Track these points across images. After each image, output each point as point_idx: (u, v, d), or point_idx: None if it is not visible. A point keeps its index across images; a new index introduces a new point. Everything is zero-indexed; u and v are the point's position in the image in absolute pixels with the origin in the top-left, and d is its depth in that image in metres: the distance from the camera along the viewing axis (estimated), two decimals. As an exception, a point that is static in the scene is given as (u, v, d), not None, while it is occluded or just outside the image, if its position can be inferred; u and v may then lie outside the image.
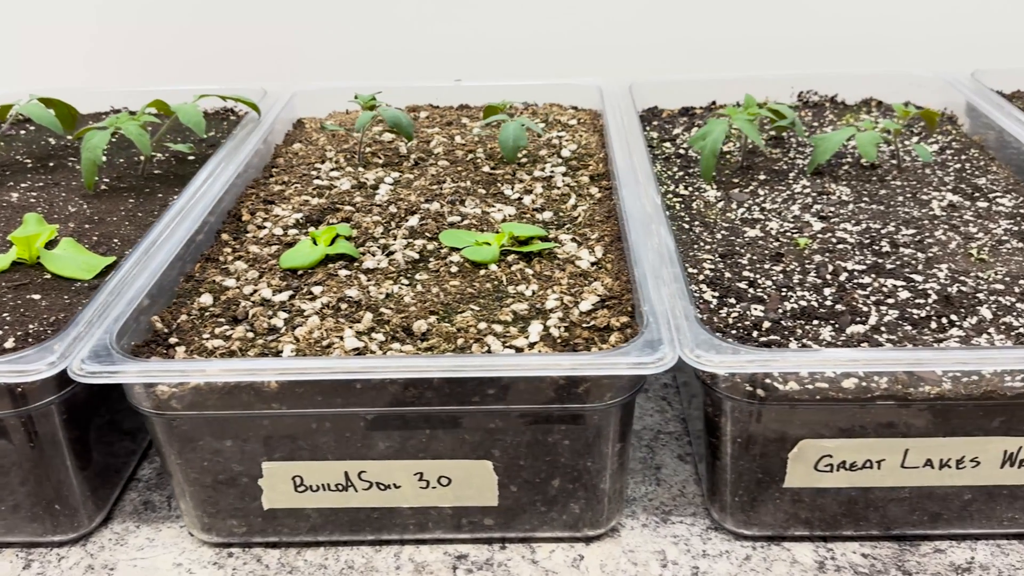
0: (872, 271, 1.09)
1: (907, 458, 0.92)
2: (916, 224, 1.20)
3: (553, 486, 0.95)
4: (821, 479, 0.94)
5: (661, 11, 1.81)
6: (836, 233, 1.19)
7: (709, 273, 1.10)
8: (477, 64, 1.87)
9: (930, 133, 1.51)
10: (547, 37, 1.83)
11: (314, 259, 1.10)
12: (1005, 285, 1.05)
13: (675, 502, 1.06)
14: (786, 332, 0.98)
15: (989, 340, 0.95)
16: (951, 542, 0.99)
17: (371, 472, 0.94)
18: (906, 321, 0.99)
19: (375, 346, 0.95)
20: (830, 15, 1.80)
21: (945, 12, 1.79)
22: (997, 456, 0.92)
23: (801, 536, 0.99)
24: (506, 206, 1.26)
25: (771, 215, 1.25)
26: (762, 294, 1.05)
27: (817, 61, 1.83)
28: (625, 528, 1.02)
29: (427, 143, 1.50)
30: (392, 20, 1.82)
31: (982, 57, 1.80)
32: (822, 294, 1.04)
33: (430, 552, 0.99)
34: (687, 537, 1.00)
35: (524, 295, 1.04)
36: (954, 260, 1.11)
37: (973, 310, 1.00)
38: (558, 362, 0.86)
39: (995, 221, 1.21)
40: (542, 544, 1.00)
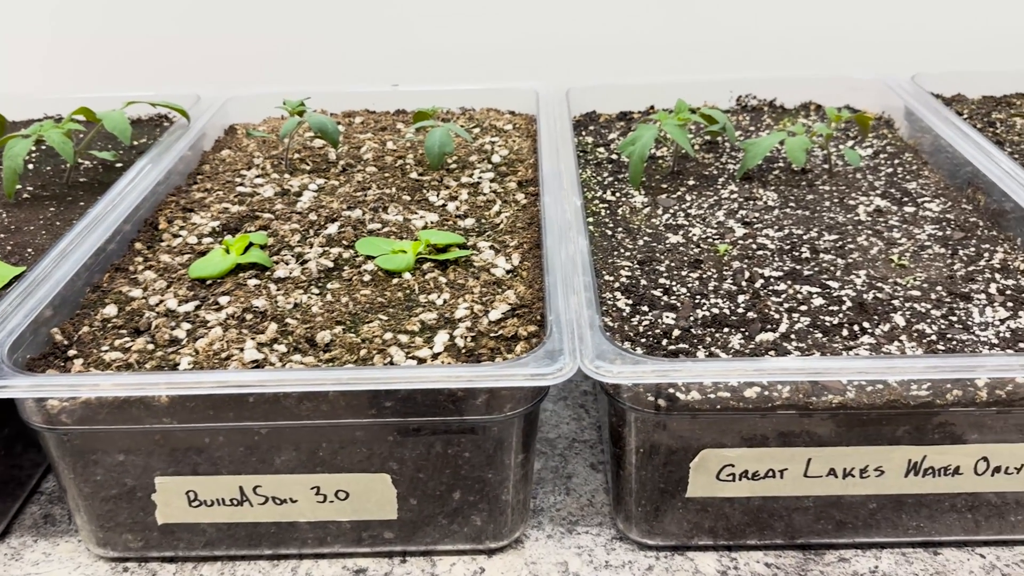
0: (789, 278, 1.08)
1: (810, 467, 0.91)
2: (839, 230, 1.20)
3: (454, 499, 0.94)
4: (724, 489, 0.93)
5: (606, 15, 1.80)
6: (758, 239, 1.18)
7: (625, 280, 1.09)
8: (421, 69, 1.85)
9: (864, 137, 1.51)
10: (492, 41, 1.82)
11: (224, 268, 1.08)
12: (922, 292, 1.04)
13: (583, 512, 1.05)
14: (695, 340, 0.97)
15: (900, 348, 0.95)
16: (856, 551, 0.98)
17: (266, 487, 0.92)
18: (817, 328, 0.98)
19: (275, 358, 0.93)
20: (773, 18, 1.79)
21: (890, 15, 1.79)
22: (901, 465, 0.91)
23: (705, 546, 0.98)
24: (429, 213, 1.24)
25: (695, 221, 1.24)
26: (675, 302, 1.04)
27: (758, 64, 1.82)
28: (530, 539, 1.01)
29: (358, 149, 1.48)
30: (333, 26, 1.80)
31: (929, 60, 1.80)
32: (735, 301, 1.03)
33: (328, 567, 0.98)
34: (591, 548, 0.99)
35: (435, 304, 1.02)
36: (874, 266, 1.10)
37: (887, 317, 1.00)
38: (451, 374, 0.85)
39: (920, 226, 1.20)
40: (443, 557, 0.99)
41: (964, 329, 0.97)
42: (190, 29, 1.83)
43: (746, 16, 1.80)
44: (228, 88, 1.68)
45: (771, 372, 0.84)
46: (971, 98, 1.67)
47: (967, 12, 1.78)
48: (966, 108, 1.61)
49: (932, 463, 0.91)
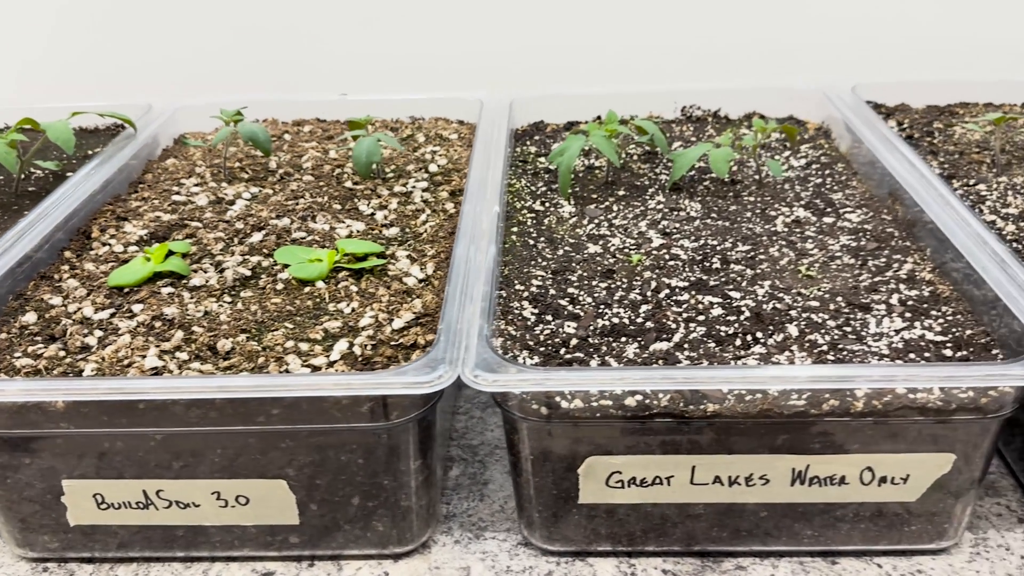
0: (694, 288, 1.10)
1: (696, 475, 0.93)
2: (754, 240, 1.21)
3: (353, 504, 0.96)
4: (614, 495, 0.95)
5: (562, 27, 1.82)
6: (672, 249, 1.20)
7: (535, 290, 1.11)
8: (380, 77, 1.88)
9: (794, 147, 1.52)
10: (456, 52, 1.84)
11: (141, 277, 1.11)
12: (821, 302, 1.06)
13: (493, 518, 1.07)
14: (591, 349, 0.99)
15: (789, 357, 0.96)
16: (754, 559, 0.99)
17: (169, 491, 0.95)
18: (711, 338, 1.00)
19: (174, 365, 0.95)
20: (725, 28, 1.81)
21: (843, 26, 1.80)
22: (786, 474, 0.92)
23: (605, 552, 1.00)
24: (356, 222, 1.27)
25: (617, 231, 1.26)
26: (579, 311, 1.06)
27: (709, 74, 1.84)
28: (437, 544, 1.03)
29: (299, 157, 1.50)
30: (289, 35, 1.83)
31: (883, 70, 1.82)
32: (637, 311, 1.05)
33: (239, 569, 1.00)
34: (496, 553, 1.01)
35: (343, 313, 1.04)
36: (781, 277, 1.12)
37: (781, 327, 1.01)
38: (331, 382, 0.87)
39: (835, 237, 1.21)
40: (350, 562, 1.01)
41: (857, 340, 0.99)
42: (149, 38, 1.86)
43: (696, 27, 1.82)
44: (188, 98, 1.70)
45: (634, 381, 0.86)
46: (915, 107, 1.68)
47: (917, 22, 1.79)
48: (907, 118, 1.62)
49: (817, 472, 0.92)
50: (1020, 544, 1.00)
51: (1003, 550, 0.99)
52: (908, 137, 1.54)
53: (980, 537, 1.01)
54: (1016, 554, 0.99)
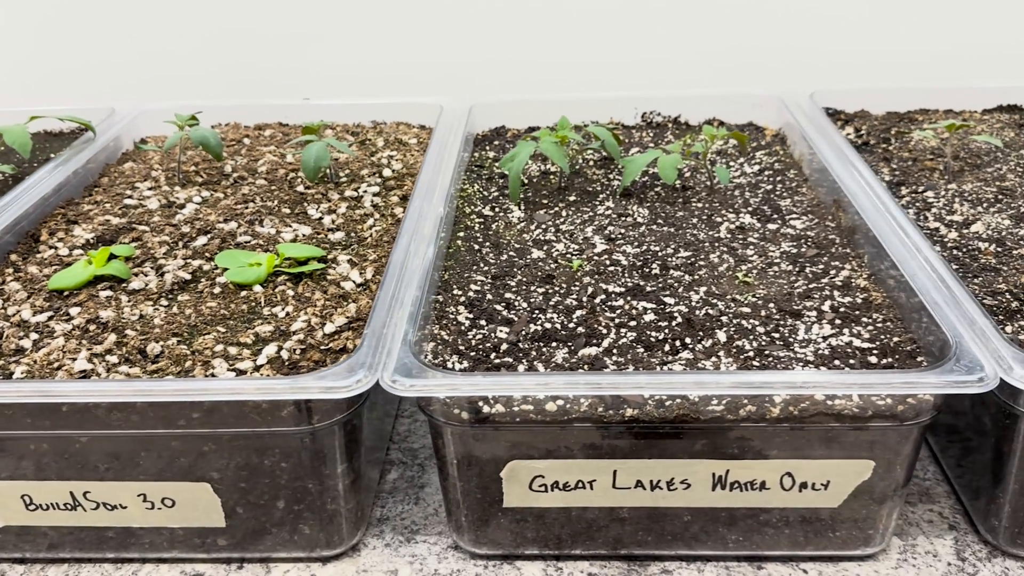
0: (630, 294, 1.10)
1: (617, 479, 0.93)
2: (696, 247, 1.22)
3: (279, 508, 0.97)
4: (538, 499, 0.95)
5: (532, 34, 1.83)
6: (614, 255, 1.20)
7: (473, 295, 1.11)
8: (349, 84, 1.89)
9: (749, 154, 1.53)
10: (419, 57, 1.85)
11: (81, 280, 1.11)
12: (753, 308, 1.06)
13: (427, 521, 1.07)
14: (521, 355, 0.99)
15: (715, 363, 0.97)
16: (680, 563, 1.00)
17: (96, 492, 0.95)
18: (641, 343, 1.01)
19: (103, 368, 0.96)
20: (694, 33, 1.82)
21: (808, 31, 1.81)
22: (706, 478, 0.93)
23: (533, 555, 1.01)
24: (303, 226, 1.27)
25: (563, 236, 1.27)
26: (513, 316, 1.06)
27: (674, 80, 1.85)
28: (367, 548, 1.03)
29: (256, 161, 1.51)
30: (257, 40, 1.84)
31: (849, 76, 1.82)
32: (571, 317, 1.06)
33: (168, 571, 1.01)
34: (425, 557, 1.02)
35: (277, 317, 1.05)
36: (717, 283, 1.12)
37: (711, 333, 1.02)
38: (246, 386, 0.87)
39: (777, 243, 1.22)
40: (279, 564, 1.01)
41: (784, 346, 0.99)
42: (118, 42, 1.87)
43: (665, 33, 1.83)
44: (154, 102, 1.72)
45: (551, 386, 0.87)
46: (875, 114, 1.68)
47: (882, 30, 1.80)
48: (866, 124, 1.63)
49: (737, 477, 0.93)
50: (948, 551, 1.00)
51: (931, 556, 1.00)
52: (864, 144, 1.54)
53: (909, 543, 1.02)
54: (943, 560, 0.99)
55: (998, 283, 1.07)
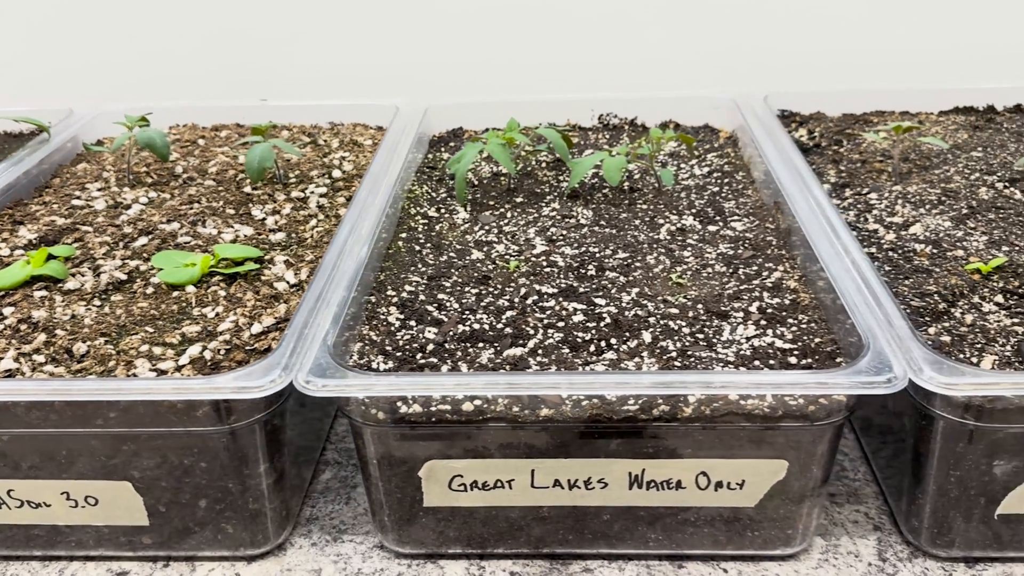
0: (562, 294, 1.11)
1: (536, 478, 0.94)
2: (634, 248, 1.22)
3: (201, 507, 0.97)
4: (458, 498, 0.95)
5: (495, 37, 1.84)
6: (552, 256, 1.21)
7: (406, 295, 1.12)
8: (312, 85, 1.89)
9: (701, 155, 1.53)
10: (384, 59, 1.86)
11: (17, 280, 1.12)
12: (681, 309, 1.07)
13: (356, 521, 1.08)
14: (446, 355, 1.00)
15: (638, 363, 0.97)
16: (602, 562, 1.00)
17: (19, 491, 0.96)
18: (567, 344, 1.01)
19: (28, 367, 0.96)
20: (659, 35, 1.83)
21: (771, 32, 1.82)
22: (623, 478, 0.93)
23: (456, 554, 1.01)
24: (245, 227, 1.28)
25: (505, 237, 1.27)
26: (444, 317, 1.07)
27: (637, 83, 1.85)
28: (294, 547, 1.04)
29: (207, 163, 1.52)
30: (221, 41, 1.85)
31: (812, 78, 1.83)
32: (501, 317, 1.06)
33: (95, 569, 1.01)
34: (350, 556, 1.02)
35: (206, 317, 1.06)
36: (651, 284, 1.13)
37: (637, 334, 1.02)
38: (156, 386, 0.88)
39: (715, 245, 1.22)
40: (204, 563, 1.02)
41: (707, 347, 0.99)
42: (79, 44, 1.88)
43: (627, 35, 1.83)
44: (113, 103, 1.73)
45: (470, 387, 0.87)
46: (831, 116, 1.69)
47: (843, 32, 1.80)
48: (820, 126, 1.63)
49: (653, 476, 0.93)
50: (870, 551, 1.01)
51: (852, 556, 1.00)
52: (815, 146, 1.55)
53: (832, 543, 1.02)
54: (864, 560, 0.99)
55: (928, 284, 1.08)
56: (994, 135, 1.56)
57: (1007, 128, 1.60)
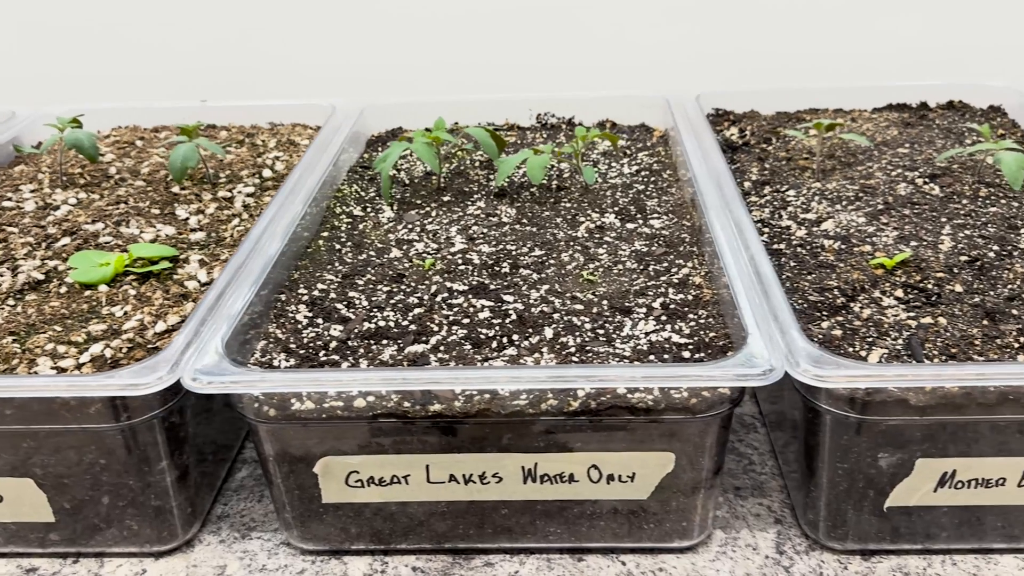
0: (472, 292, 1.12)
1: (431, 473, 0.95)
2: (551, 246, 1.23)
3: (104, 504, 0.98)
4: (356, 495, 0.97)
5: (440, 40, 1.86)
6: (469, 254, 1.22)
7: (318, 294, 1.13)
8: (263, 86, 1.90)
9: (626, 155, 1.55)
10: (328, 60, 1.88)
11: (-68, 281, 1.13)
12: (586, 306, 1.08)
13: (266, 518, 1.09)
14: (348, 352, 1.01)
15: (537, 358, 0.98)
16: (503, 556, 1.01)
17: (-76, 488, 0.97)
18: (469, 340, 1.02)
19: (-70, 366, 0.97)
20: (608, 36, 1.85)
21: (714, 32, 1.83)
22: (516, 472, 0.95)
23: (360, 550, 1.02)
24: (167, 227, 1.29)
25: (426, 236, 1.28)
26: (351, 315, 1.08)
27: (588, 83, 1.87)
28: (202, 543, 1.05)
29: (141, 163, 1.53)
30: (156, 41, 1.86)
31: (756, 78, 1.84)
32: (408, 315, 1.07)
33: (4, 565, 1.02)
34: (256, 552, 1.03)
35: (115, 316, 1.07)
36: (562, 281, 1.14)
37: (540, 330, 1.03)
38: (47, 383, 0.89)
39: (630, 243, 1.24)
40: (112, 559, 1.03)
41: (607, 342, 1.01)
42: (26, 46, 1.89)
43: (575, 36, 1.85)
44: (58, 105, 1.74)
45: (355, 382, 0.88)
46: (765, 114, 1.70)
47: (783, 31, 1.82)
48: (753, 124, 1.65)
49: (546, 470, 0.95)
50: (769, 544, 1.02)
51: (750, 549, 1.01)
52: (744, 144, 1.56)
53: (732, 536, 1.03)
54: (761, 553, 1.01)
55: (830, 280, 1.09)
56: (924, 132, 1.58)
57: (938, 124, 1.62)
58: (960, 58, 1.82)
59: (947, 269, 1.10)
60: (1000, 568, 0.98)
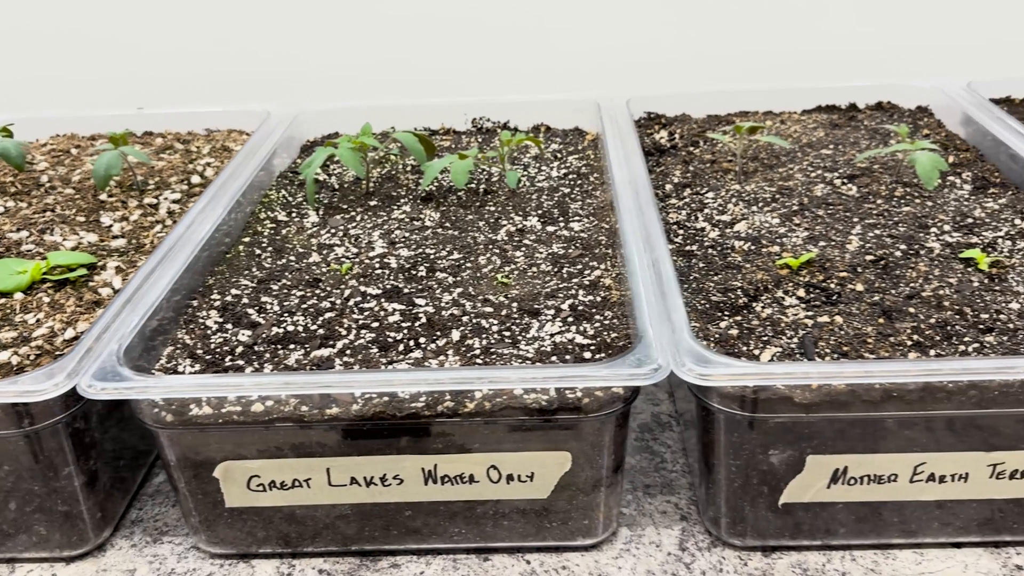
0: (386, 295, 1.13)
1: (332, 477, 0.96)
2: (470, 249, 1.25)
3: (12, 509, 0.99)
4: (259, 498, 0.97)
5: (382, 43, 1.87)
6: (387, 258, 1.23)
7: (231, 299, 1.14)
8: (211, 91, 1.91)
9: (553, 158, 1.56)
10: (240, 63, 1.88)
11: None
12: (496, 308, 1.09)
13: (178, 523, 1.09)
14: (254, 357, 1.02)
15: (443, 361, 0.99)
16: (410, 557, 1.02)
17: None
18: (376, 344, 1.03)
19: None
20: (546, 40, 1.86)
21: (652, 36, 1.86)
22: (417, 473, 0.96)
23: (268, 553, 1.03)
24: (90, 234, 1.29)
25: (348, 240, 1.29)
26: (261, 320, 1.09)
27: (525, 87, 1.88)
28: (114, 548, 1.05)
29: (72, 171, 1.53)
30: (105, 47, 1.86)
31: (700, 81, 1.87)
32: (318, 319, 1.08)
33: (-88, 573, 1.02)
34: (166, 556, 1.04)
35: (27, 323, 1.07)
36: (476, 284, 1.15)
37: (447, 333, 1.04)
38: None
39: (548, 245, 1.25)
40: (24, 564, 1.03)
41: (512, 344, 1.02)
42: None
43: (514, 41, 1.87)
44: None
45: (247, 387, 0.89)
46: (696, 117, 1.72)
47: (715, 33, 1.85)
48: (683, 128, 1.66)
49: (446, 471, 0.96)
50: (672, 541, 1.04)
51: (653, 547, 1.03)
52: (672, 147, 1.58)
53: (637, 534, 1.05)
54: (664, 550, 1.02)
55: (735, 280, 1.11)
56: (850, 133, 1.60)
57: (866, 125, 1.64)
58: (894, 58, 1.85)
59: (851, 268, 1.12)
60: (898, 563, 1.00)
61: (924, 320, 1.01)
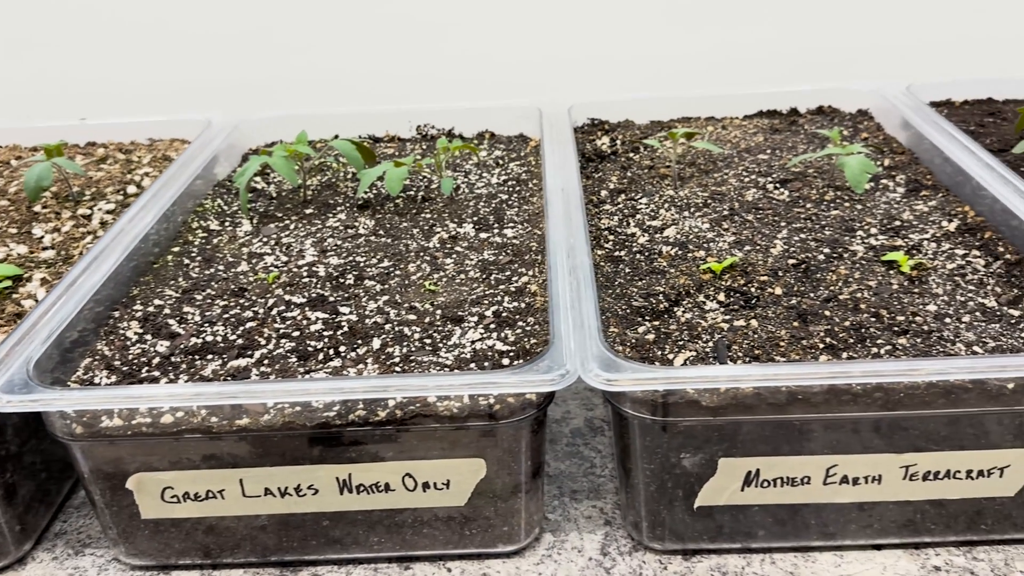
0: (309, 304, 1.13)
1: (246, 488, 0.96)
2: (401, 256, 1.25)
3: (-76, 524, 0.98)
4: (174, 510, 0.97)
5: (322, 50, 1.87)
6: (316, 267, 1.23)
7: (152, 310, 1.13)
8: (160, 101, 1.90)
9: (504, 164, 1.57)
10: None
11: None
12: (419, 316, 1.09)
13: (102, 535, 1.09)
14: (170, 367, 1.01)
15: (360, 369, 0.99)
16: (331, 567, 1.02)
17: None
18: (296, 353, 1.03)
19: None
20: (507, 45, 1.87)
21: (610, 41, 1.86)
22: (331, 483, 0.95)
23: (190, 564, 1.03)
24: (20, 245, 1.29)
25: (279, 249, 1.29)
26: (181, 330, 1.08)
27: (474, 94, 1.88)
28: (35, 561, 1.05)
29: (10, 183, 1.52)
30: (47, 58, 1.85)
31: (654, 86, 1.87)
32: (239, 329, 1.08)
33: None
34: (87, 569, 1.03)
35: (-55, 336, 1.06)
36: (403, 292, 1.15)
37: (368, 341, 1.04)
38: None
39: (480, 252, 1.25)
40: (-60, 580, 1.02)
41: (432, 351, 1.02)
42: None
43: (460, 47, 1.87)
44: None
45: (155, 399, 0.89)
46: (639, 123, 1.73)
47: (662, 37, 1.86)
48: (625, 134, 1.67)
49: (361, 480, 0.96)
50: (594, 546, 1.04)
51: (575, 552, 1.03)
52: (613, 153, 1.58)
53: (560, 539, 1.05)
54: (586, 555, 1.02)
55: (658, 285, 1.11)
56: (789, 137, 1.61)
57: (806, 130, 1.65)
58: (842, 61, 1.86)
59: (772, 272, 1.13)
60: (818, 566, 1.00)
61: (839, 323, 1.02)
